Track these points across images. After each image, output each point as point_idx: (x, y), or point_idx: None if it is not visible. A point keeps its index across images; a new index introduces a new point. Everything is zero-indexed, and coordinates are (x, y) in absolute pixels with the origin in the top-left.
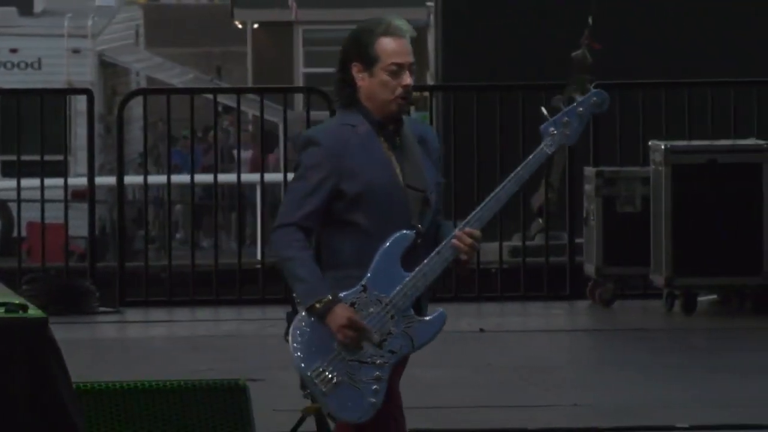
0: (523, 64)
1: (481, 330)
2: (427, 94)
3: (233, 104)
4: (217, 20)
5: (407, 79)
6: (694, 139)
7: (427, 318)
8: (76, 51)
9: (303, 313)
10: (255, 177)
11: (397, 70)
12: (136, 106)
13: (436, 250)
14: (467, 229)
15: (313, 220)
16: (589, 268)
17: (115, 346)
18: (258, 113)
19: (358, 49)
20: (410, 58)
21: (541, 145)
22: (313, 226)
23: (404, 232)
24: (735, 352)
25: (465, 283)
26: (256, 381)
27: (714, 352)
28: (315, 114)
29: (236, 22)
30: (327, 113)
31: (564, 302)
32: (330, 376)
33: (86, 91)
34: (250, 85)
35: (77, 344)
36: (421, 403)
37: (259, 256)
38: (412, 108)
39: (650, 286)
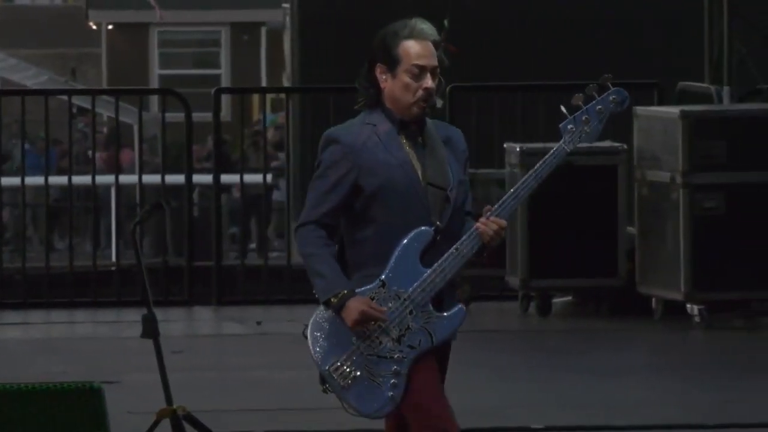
0: None
1: None
2: (283, 95)
3: (88, 106)
4: (72, 21)
5: (428, 82)
6: (549, 141)
7: (446, 314)
8: None
9: (321, 308)
10: (110, 179)
11: (418, 73)
12: None
13: (455, 246)
14: (492, 218)
15: (333, 217)
16: None
17: None
18: (113, 115)
19: (383, 50)
20: (433, 62)
21: (560, 143)
22: (333, 223)
23: (423, 228)
24: (590, 354)
25: None
26: (112, 383)
27: (569, 353)
28: (170, 116)
29: (91, 23)
30: (182, 115)
31: None
32: (348, 370)
33: None
34: (105, 86)
35: None
36: (275, 405)
37: (114, 258)
38: (269, 111)
39: (506, 287)
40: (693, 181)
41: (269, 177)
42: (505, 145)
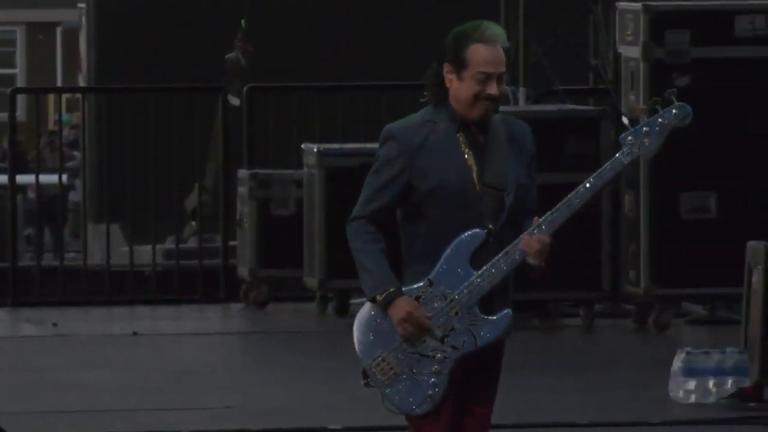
0: (176, 66)
1: (135, 333)
2: (78, 95)
3: None
4: None
5: (493, 89)
6: (346, 143)
7: (492, 317)
8: None
9: (368, 304)
10: None
11: (484, 79)
12: None
13: (505, 250)
14: (536, 234)
15: (383, 214)
16: (243, 271)
17: None
18: None
19: (452, 50)
20: (500, 68)
21: (618, 154)
22: (384, 220)
23: (475, 230)
24: None
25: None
26: None
27: None
28: None
29: None
30: None
31: (218, 305)
32: (390, 366)
33: None
34: None
35: None
36: (74, 407)
37: None
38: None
39: (304, 288)
40: None
41: (65, 177)
42: (303, 146)
